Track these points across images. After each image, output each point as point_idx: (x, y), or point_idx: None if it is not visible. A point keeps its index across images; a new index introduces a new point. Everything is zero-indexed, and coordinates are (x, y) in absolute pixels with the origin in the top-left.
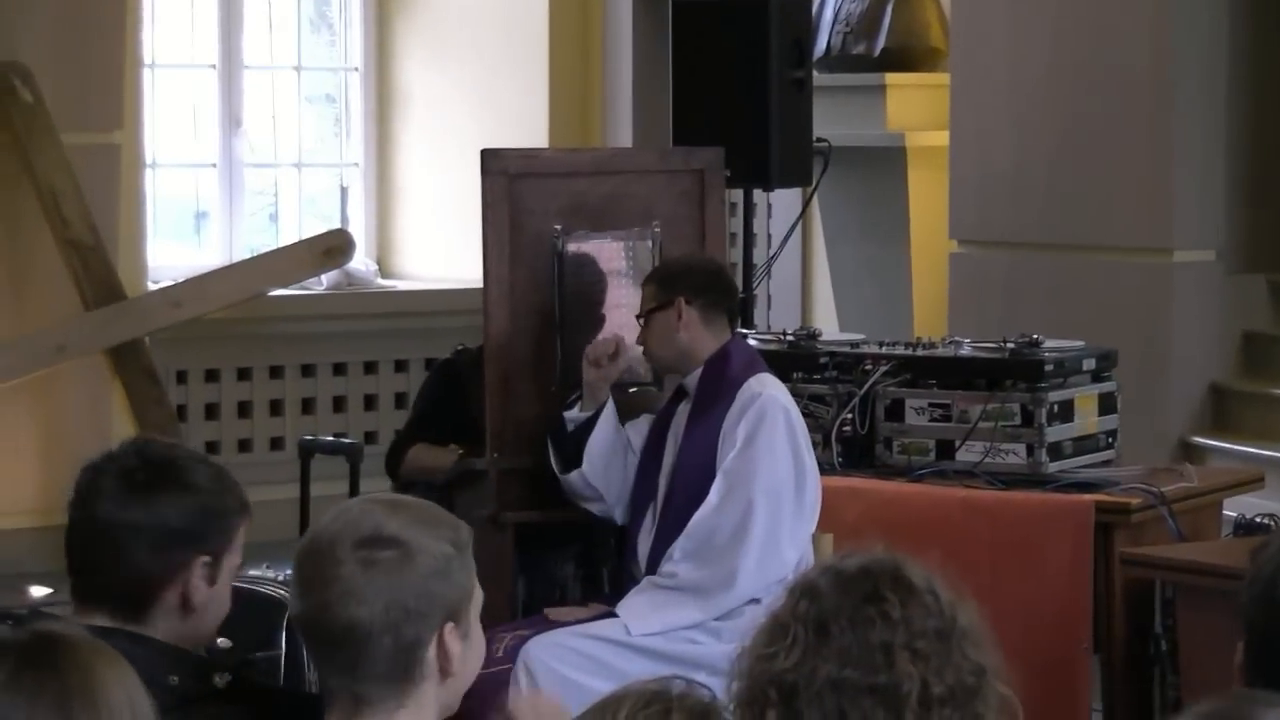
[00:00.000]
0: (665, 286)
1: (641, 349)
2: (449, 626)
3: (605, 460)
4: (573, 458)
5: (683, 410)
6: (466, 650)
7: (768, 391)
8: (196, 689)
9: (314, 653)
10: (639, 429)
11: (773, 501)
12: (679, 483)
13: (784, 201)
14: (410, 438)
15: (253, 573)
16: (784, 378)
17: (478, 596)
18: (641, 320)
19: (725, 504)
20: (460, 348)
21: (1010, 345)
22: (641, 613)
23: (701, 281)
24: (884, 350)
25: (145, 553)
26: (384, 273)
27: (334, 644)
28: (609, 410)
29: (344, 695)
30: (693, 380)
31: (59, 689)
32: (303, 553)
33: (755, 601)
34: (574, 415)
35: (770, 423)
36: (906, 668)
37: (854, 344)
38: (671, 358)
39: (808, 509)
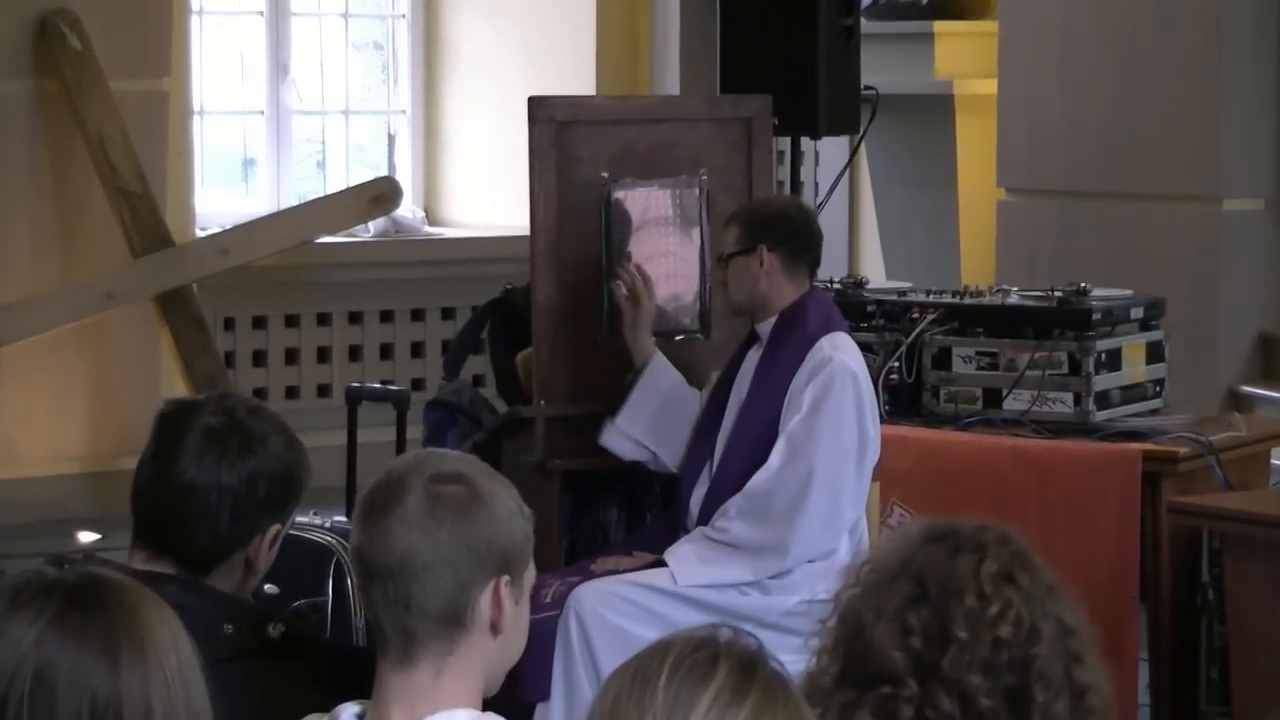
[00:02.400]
0: (750, 231)
1: (689, 299)
2: (504, 579)
3: (654, 412)
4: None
5: (753, 357)
6: (518, 616)
7: (839, 356)
8: (251, 639)
9: (369, 585)
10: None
11: (834, 470)
12: (739, 432)
13: (831, 150)
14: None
15: (300, 519)
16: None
17: (530, 574)
18: (722, 260)
19: (786, 469)
20: (509, 288)
21: (1058, 294)
22: (690, 563)
23: (788, 230)
24: (931, 299)
25: (227, 519)
26: (431, 220)
27: (390, 572)
28: (660, 362)
29: (396, 633)
30: (766, 328)
31: (105, 629)
32: (372, 487)
33: (809, 561)
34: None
35: (838, 391)
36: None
37: (901, 292)
38: (748, 303)
39: (867, 475)
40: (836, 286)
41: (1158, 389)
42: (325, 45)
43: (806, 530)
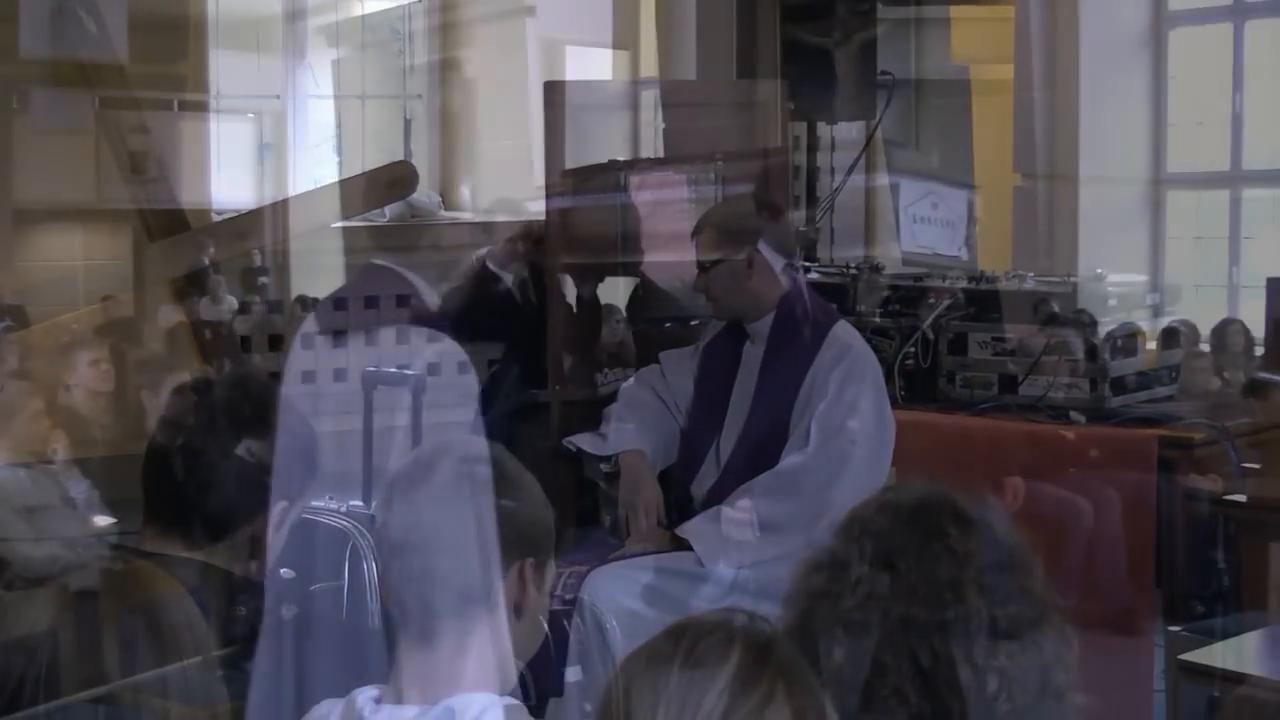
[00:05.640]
0: (731, 235)
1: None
2: (529, 561)
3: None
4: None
5: (751, 352)
6: (538, 602)
7: (857, 344)
8: (265, 621)
9: (393, 559)
10: (683, 381)
11: (864, 453)
12: (756, 425)
13: (848, 135)
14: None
15: (316, 504)
16: (847, 311)
17: (552, 567)
18: (704, 269)
19: (822, 451)
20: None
21: (1073, 279)
22: (716, 547)
23: (769, 225)
24: (947, 284)
25: (234, 486)
26: (447, 205)
27: (416, 546)
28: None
29: (417, 610)
30: (761, 326)
31: (121, 613)
32: (400, 466)
33: None
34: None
35: (859, 376)
36: (975, 602)
37: (917, 278)
38: (742, 306)
39: (889, 455)
40: (853, 272)
41: (1173, 374)
42: (341, 31)
43: (840, 507)
